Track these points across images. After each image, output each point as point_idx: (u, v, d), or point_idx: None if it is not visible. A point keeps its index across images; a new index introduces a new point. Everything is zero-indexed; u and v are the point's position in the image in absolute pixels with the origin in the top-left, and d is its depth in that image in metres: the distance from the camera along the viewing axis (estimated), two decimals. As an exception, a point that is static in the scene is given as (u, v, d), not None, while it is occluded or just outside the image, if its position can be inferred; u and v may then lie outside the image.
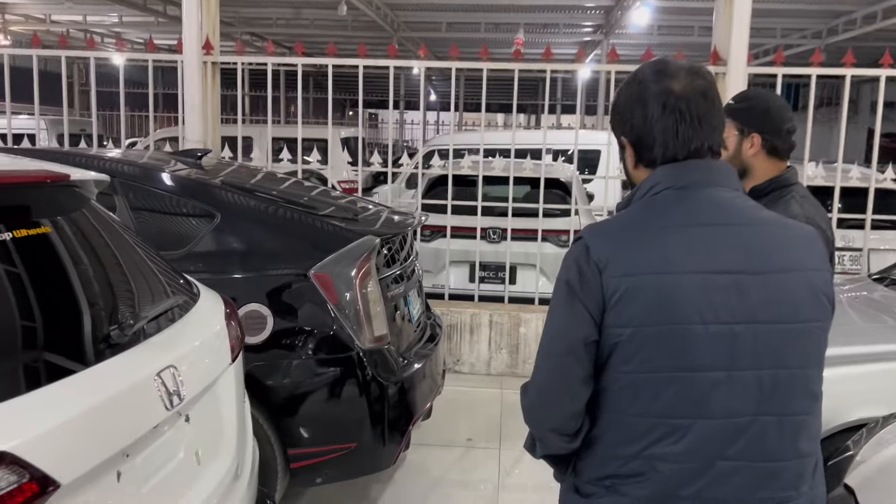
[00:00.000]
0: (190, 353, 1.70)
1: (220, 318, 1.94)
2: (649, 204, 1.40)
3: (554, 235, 5.56)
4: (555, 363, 1.39)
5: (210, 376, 1.77)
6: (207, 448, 1.75)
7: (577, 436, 1.41)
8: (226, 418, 1.86)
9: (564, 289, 1.37)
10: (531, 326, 4.91)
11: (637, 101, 1.42)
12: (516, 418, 4.41)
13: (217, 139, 5.27)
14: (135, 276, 1.75)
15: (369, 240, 3.06)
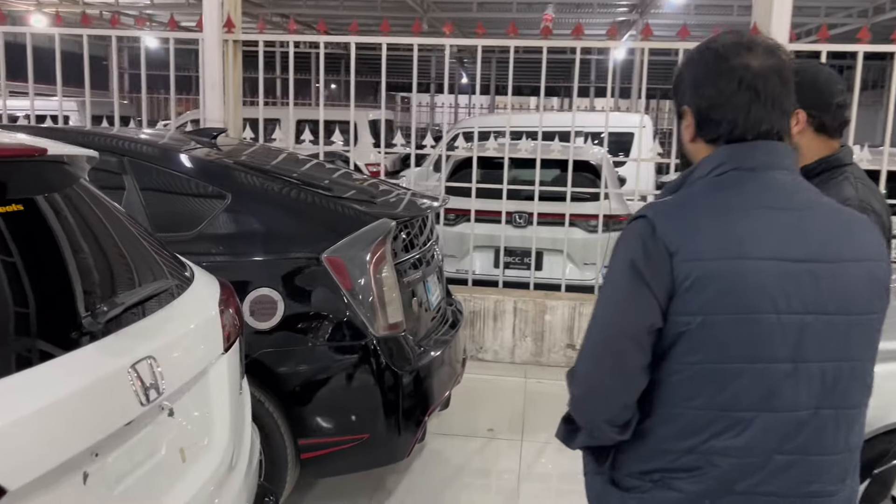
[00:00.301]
0: (174, 342, 1.59)
1: (213, 304, 1.83)
2: (714, 185, 1.33)
3: (582, 220, 5.38)
4: (613, 350, 1.32)
5: (198, 367, 1.66)
6: (194, 443, 1.64)
7: (628, 427, 1.35)
8: (217, 411, 1.75)
9: (629, 270, 1.29)
10: (557, 314, 4.75)
11: (711, 72, 1.35)
12: (540, 408, 4.31)
13: (238, 119, 5.18)
14: (120, 261, 1.64)
15: (384, 223, 2.93)
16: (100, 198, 1.79)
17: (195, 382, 1.66)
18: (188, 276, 1.88)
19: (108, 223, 1.72)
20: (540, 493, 3.41)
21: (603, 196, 4.96)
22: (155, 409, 1.47)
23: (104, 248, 1.63)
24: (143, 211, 2.93)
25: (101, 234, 1.66)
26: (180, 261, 1.96)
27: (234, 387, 1.83)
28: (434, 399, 3.13)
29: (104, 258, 1.61)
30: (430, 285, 3.45)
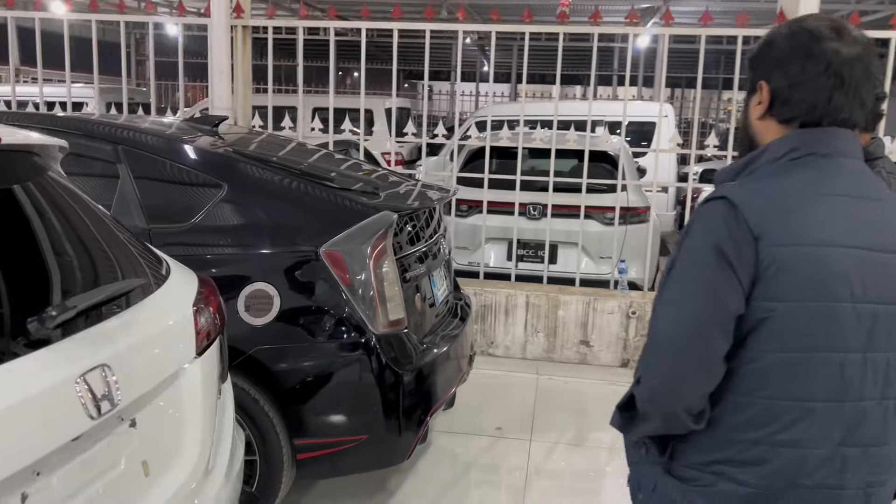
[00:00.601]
0: (135, 347, 1.47)
1: (186, 304, 1.72)
2: (789, 169, 1.32)
3: (599, 212, 5.23)
4: (700, 336, 1.28)
5: (165, 373, 1.55)
6: (160, 455, 1.54)
7: (703, 416, 1.33)
8: (189, 419, 1.64)
9: (714, 254, 1.26)
10: (571, 309, 4.62)
11: (800, 52, 1.33)
12: (551, 406, 4.18)
13: (247, 107, 5.08)
14: (83, 260, 1.54)
15: (385, 216, 2.82)
16: (70, 191, 1.69)
17: (163, 389, 1.55)
18: (163, 273, 1.77)
19: (76, 219, 1.61)
20: (548, 494, 3.29)
21: (620, 187, 4.80)
22: (112, 421, 1.37)
23: (66, 246, 1.53)
24: (137, 201, 2.84)
25: (66, 230, 1.56)
26: (156, 257, 1.86)
27: (209, 392, 1.72)
28: (437, 398, 3.01)
29: (65, 257, 1.50)
30: (436, 280, 3.33)
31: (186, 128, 3.36)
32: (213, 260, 2.76)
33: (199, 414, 1.67)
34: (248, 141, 3.56)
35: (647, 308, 4.55)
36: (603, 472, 3.52)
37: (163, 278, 1.74)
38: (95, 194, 2.94)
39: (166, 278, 1.75)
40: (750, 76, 1.43)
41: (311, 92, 12.57)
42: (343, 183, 3.03)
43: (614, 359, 4.64)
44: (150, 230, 2.80)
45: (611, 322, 4.59)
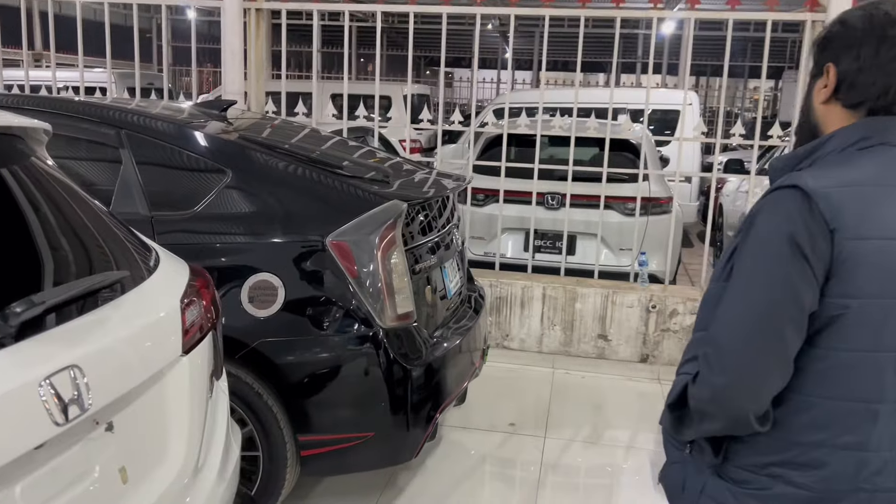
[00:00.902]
0: (111, 346, 1.37)
1: (173, 298, 1.62)
2: (858, 158, 1.26)
3: (619, 203, 5.08)
4: (773, 332, 1.22)
5: (146, 373, 1.45)
6: (141, 459, 1.45)
7: (768, 417, 1.27)
8: (175, 420, 1.55)
9: (788, 246, 1.20)
10: (588, 302, 4.49)
11: (874, 35, 1.27)
12: (566, 402, 4.06)
13: (261, 92, 4.99)
14: (59, 251, 1.44)
15: (395, 205, 2.71)
16: (54, 177, 1.59)
17: (145, 390, 1.46)
18: (150, 265, 1.67)
19: (60, 207, 1.52)
20: (562, 494, 3.19)
21: (642, 177, 4.65)
22: (85, 426, 1.28)
23: (47, 236, 1.43)
24: (139, 187, 2.75)
25: (47, 219, 1.46)
26: (145, 247, 1.76)
27: (198, 390, 1.63)
28: (447, 395, 2.91)
29: (44, 248, 1.41)
30: (448, 271, 3.22)
31: (193, 112, 3.27)
32: (217, 249, 2.67)
33: (187, 414, 1.57)
34: (257, 126, 3.47)
35: (667, 302, 4.41)
36: (620, 471, 3.41)
37: (150, 270, 1.64)
38: (97, 180, 2.88)
39: (154, 270, 1.65)
40: (816, 58, 1.36)
41: (328, 78, 12.45)
42: (352, 170, 2.93)
43: (633, 354, 4.51)
44: (152, 217, 2.71)
45: (630, 316, 4.46)
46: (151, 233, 2.68)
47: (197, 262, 2.64)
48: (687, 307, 4.40)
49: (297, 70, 17.53)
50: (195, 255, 2.65)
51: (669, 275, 4.86)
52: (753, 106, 27.53)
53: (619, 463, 3.48)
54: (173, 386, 1.55)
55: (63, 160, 2.85)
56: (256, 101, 4.94)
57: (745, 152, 9.40)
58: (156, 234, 2.68)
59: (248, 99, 4.97)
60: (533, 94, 7.87)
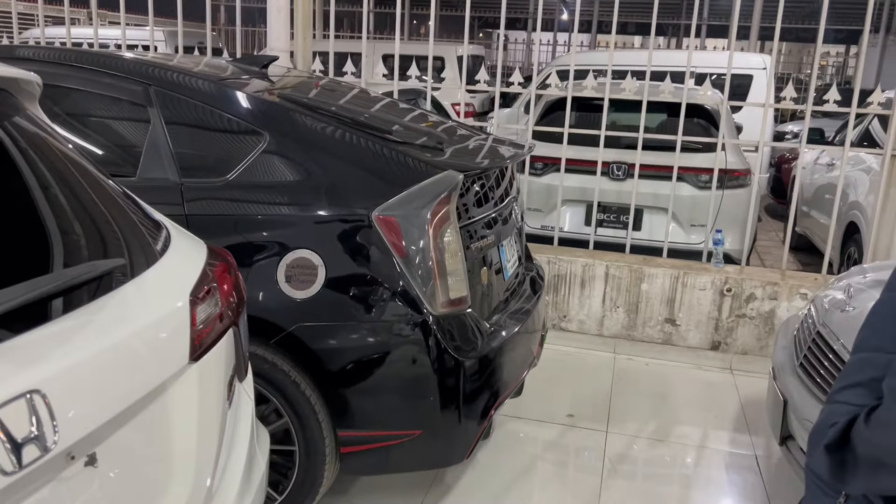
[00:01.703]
0: (88, 361, 1.09)
1: (179, 293, 1.32)
2: None
3: (692, 174, 4.67)
4: None
5: (140, 390, 1.17)
6: (135, 495, 1.18)
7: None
8: (181, 440, 1.27)
9: None
10: (656, 283, 4.12)
11: None
12: (629, 391, 3.70)
13: (308, 50, 4.68)
14: (44, 233, 1.16)
15: (449, 176, 2.39)
16: (42, 138, 1.31)
17: (139, 410, 1.18)
18: (158, 248, 1.39)
19: (42, 177, 1.25)
20: (627, 497, 2.88)
21: (720, 146, 4.22)
22: (55, 463, 1.01)
23: (33, 210, 1.15)
24: (168, 151, 2.49)
25: (23, 194, 1.18)
26: (154, 225, 1.47)
27: (211, 402, 1.35)
28: (503, 389, 2.62)
29: (28, 227, 1.12)
30: (506, 249, 2.90)
31: (230, 69, 2.98)
32: (251, 222, 2.39)
33: (195, 431, 1.30)
34: (299, 85, 3.17)
35: (744, 285, 4.02)
36: (690, 473, 3.08)
37: (155, 255, 1.36)
38: (122, 142, 2.62)
39: (161, 255, 1.37)
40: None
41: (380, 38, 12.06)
42: (402, 136, 2.61)
43: (703, 340, 4.14)
44: (181, 185, 2.45)
45: (701, 299, 4.08)
46: (181, 201, 2.43)
47: (229, 236, 2.40)
48: (766, 292, 3.99)
49: (349, 30, 17.19)
50: (227, 229, 2.40)
51: (745, 255, 4.44)
52: (821, 72, 26.21)
53: (690, 463, 3.15)
54: (179, 400, 1.27)
55: (85, 119, 2.62)
56: (303, 60, 4.65)
57: (824, 121, 8.78)
58: (185, 203, 2.43)
59: (295, 57, 4.68)
60: (600, 55, 7.39)
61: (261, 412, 2.42)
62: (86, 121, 2.61)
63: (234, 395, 1.47)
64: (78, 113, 2.61)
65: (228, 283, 1.51)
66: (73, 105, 2.61)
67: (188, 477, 1.29)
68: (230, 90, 2.58)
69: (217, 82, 2.61)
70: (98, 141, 2.60)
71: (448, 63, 8.97)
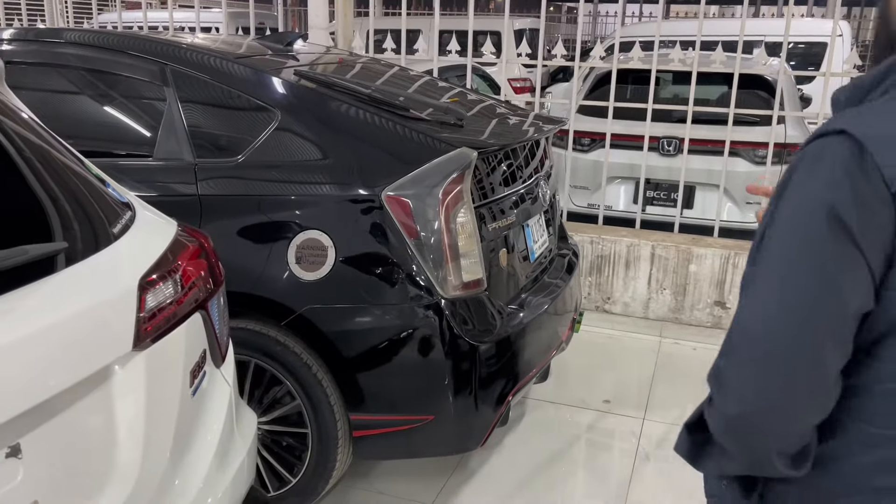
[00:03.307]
0: (9, 347, 1.05)
1: (128, 276, 1.27)
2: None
3: (748, 149, 4.43)
4: (805, 347, 0.90)
5: (69, 378, 1.13)
6: (67, 489, 1.14)
7: (805, 458, 0.97)
8: (124, 432, 1.24)
9: (826, 223, 0.87)
10: (705, 264, 3.93)
11: None
12: (672, 378, 3.55)
13: (348, 27, 4.63)
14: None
15: (462, 153, 2.29)
16: (11, 113, 1.28)
17: (74, 399, 1.15)
18: (116, 230, 1.35)
19: (13, 153, 1.21)
20: (658, 488, 2.75)
21: (776, 119, 3.97)
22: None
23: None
24: (184, 131, 2.48)
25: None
26: (117, 206, 1.43)
27: (165, 391, 1.30)
28: (523, 374, 2.52)
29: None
30: (532, 230, 2.79)
31: (252, 46, 2.95)
32: (263, 202, 2.36)
33: (143, 421, 1.26)
34: (322, 63, 3.12)
35: (800, 267, 3.78)
36: (729, 467, 2.92)
37: (109, 239, 1.32)
38: (139, 122, 2.62)
39: (119, 236, 1.34)
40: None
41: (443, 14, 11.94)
42: (419, 112, 2.52)
43: (755, 324, 3.92)
44: (196, 165, 2.44)
45: (753, 281, 3.86)
46: (194, 181, 2.42)
47: (240, 216, 2.38)
48: (824, 274, 3.75)
49: (417, 7, 17.07)
50: (238, 209, 2.38)
51: (804, 234, 4.18)
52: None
53: (730, 456, 2.99)
54: (123, 389, 1.23)
55: (104, 99, 2.63)
56: (343, 38, 4.60)
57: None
58: (198, 183, 2.41)
59: (336, 35, 4.64)
60: (649, 26, 7.09)
61: (274, 394, 2.41)
62: (105, 101, 2.63)
63: (199, 382, 1.44)
64: (96, 94, 2.63)
65: (198, 267, 1.47)
66: (92, 86, 2.63)
67: (134, 467, 1.26)
68: (243, 68, 2.55)
69: (231, 60, 2.57)
70: (116, 122, 2.62)
71: (506, 38, 8.77)
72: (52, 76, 2.64)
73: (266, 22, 11.34)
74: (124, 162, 2.50)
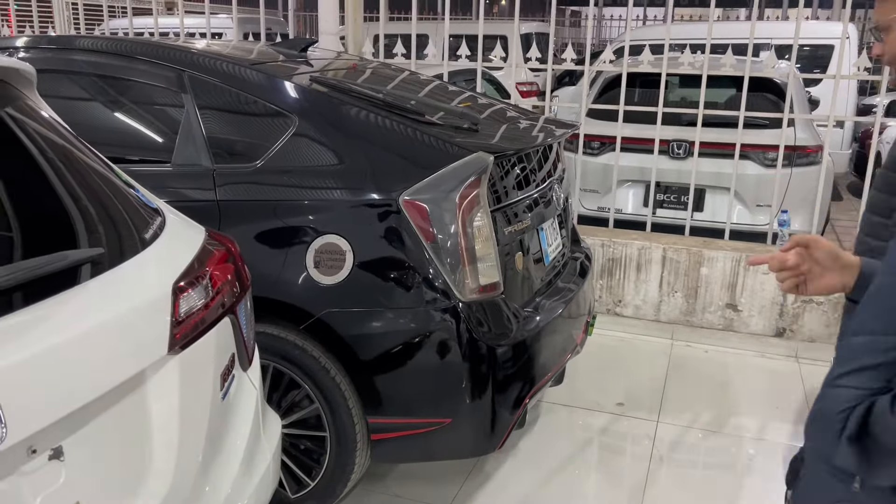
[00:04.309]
0: (48, 351, 1.06)
1: (163, 281, 1.30)
2: None
3: (758, 151, 4.43)
4: None
5: (109, 382, 1.15)
6: (107, 491, 1.16)
7: None
8: (159, 435, 1.26)
9: None
10: (716, 266, 3.93)
11: None
12: (685, 380, 3.55)
13: (358, 32, 4.65)
14: (35, 217, 1.14)
15: (479, 158, 2.31)
16: (45, 123, 1.31)
17: (112, 402, 1.17)
18: (148, 236, 1.38)
19: (46, 160, 1.23)
20: (675, 490, 2.76)
21: (786, 122, 3.98)
22: (14, 456, 1.00)
23: (26, 196, 1.13)
24: (202, 137, 2.50)
25: (29, 175, 1.17)
26: (148, 212, 1.45)
27: (197, 394, 1.33)
28: (539, 377, 2.54)
29: (20, 211, 1.11)
30: (546, 233, 2.80)
31: (266, 52, 2.97)
32: (281, 207, 2.38)
33: (177, 423, 1.28)
34: (337, 68, 3.14)
35: (811, 269, 3.78)
36: (745, 467, 2.93)
37: (143, 243, 1.34)
38: (157, 129, 2.64)
39: (150, 242, 1.36)
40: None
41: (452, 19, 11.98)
42: (434, 118, 2.54)
43: (767, 327, 3.93)
44: (214, 171, 2.46)
45: (765, 283, 3.87)
46: (213, 187, 2.44)
47: (259, 221, 2.40)
48: (835, 276, 3.75)
49: (422, 12, 17.15)
50: (257, 214, 2.40)
51: (815, 236, 4.18)
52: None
53: (745, 457, 3.00)
54: (158, 392, 1.26)
55: (123, 107, 2.65)
56: (354, 43, 4.62)
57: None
58: (217, 189, 2.43)
59: (346, 40, 4.66)
60: (658, 29, 7.10)
61: (293, 398, 2.42)
62: (123, 109, 2.65)
63: (230, 385, 1.46)
64: (116, 101, 2.65)
65: (226, 271, 1.48)
66: (111, 93, 2.65)
67: (169, 470, 1.28)
68: (260, 73, 2.57)
69: (248, 66, 2.60)
70: (135, 129, 2.64)
71: (511, 43, 8.79)
72: (71, 84, 2.66)
73: (273, 27, 11.40)
74: (143, 168, 2.52)
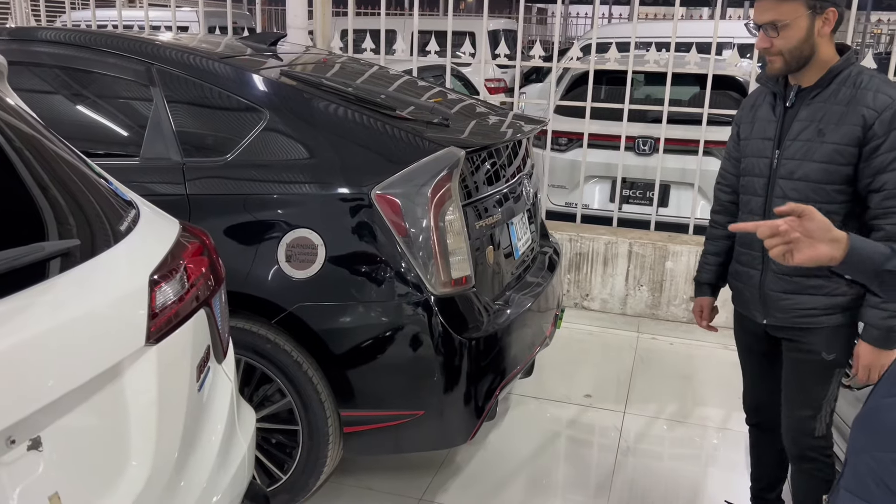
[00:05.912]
0: (25, 343, 1.05)
1: (139, 272, 1.31)
2: None
3: (721, 148, 4.51)
4: None
5: (87, 373, 1.16)
6: (85, 481, 1.17)
7: None
8: (137, 425, 1.26)
9: None
10: (681, 261, 4.01)
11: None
12: (651, 372, 3.61)
13: (327, 27, 4.65)
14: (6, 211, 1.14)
15: (450, 153, 2.33)
16: (15, 114, 1.29)
17: (91, 392, 1.17)
18: (122, 228, 1.37)
19: (19, 153, 1.22)
20: (641, 478, 2.82)
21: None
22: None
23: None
24: (171, 131, 2.48)
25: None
26: (121, 205, 1.45)
27: (174, 385, 1.33)
28: (509, 369, 2.57)
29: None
30: (517, 228, 2.84)
31: (235, 46, 2.96)
32: (252, 201, 2.38)
33: (155, 414, 1.28)
34: (306, 62, 3.13)
35: (772, 263, 3.89)
36: (709, 456, 3.00)
37: (118, 235, 1.34)
38: (125, 122, 2.62)
39: (125, 235, 1.36)
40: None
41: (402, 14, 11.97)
42: (405, 112, 2.56)
43: (729, 319, 4.01)
44: (183, 165, 2.44)
45: (728, 277, 3.96)
46: (182, 181, 2.43)
47: (229, 215, 2.39)
48: (795, 269, 3.86)
49: (390, 7, 17.08)
50: (227, 208, 2.39)
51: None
52: (874, 41, 25.24)
53: (710, 446, 3.07)
54: (136, 383, 1.26)
55: (90, 100, 2.62)
56: (322, 38, 4.61)
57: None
58: (186, 183, 2.42)
59: (314, 35, 4.65)
60: (625, 27, 7.20)
61: (264, 392, 2.42)
62: (91, 102, 2.62)
63: (205, 377, 1.46)
64: (83, 94, 2.62)
65: (201, 264, 1.49)
66: (77, 86, 2.62)
67: (147, 460, 1.28)
68: (230, 67, 2.56)
69: (218, 60, 2.58)
70: (103, 122, 2.61)
71: (478, 38, 8.82)
72: (36, 76, 2.62)
73: (238, 21, 11.26)
74: (111, 162, 2.49)
